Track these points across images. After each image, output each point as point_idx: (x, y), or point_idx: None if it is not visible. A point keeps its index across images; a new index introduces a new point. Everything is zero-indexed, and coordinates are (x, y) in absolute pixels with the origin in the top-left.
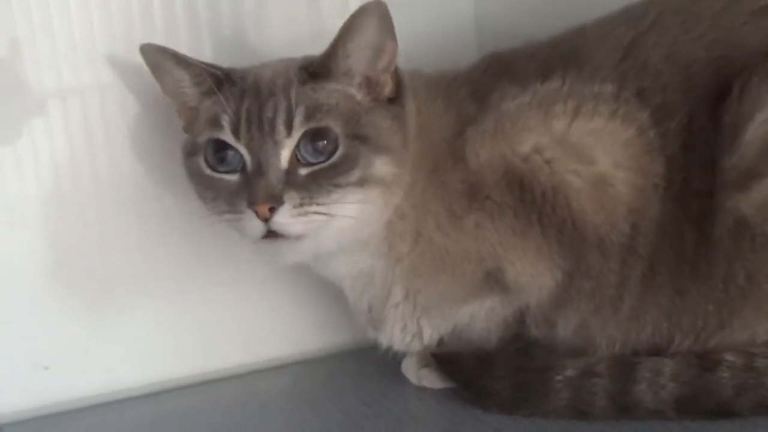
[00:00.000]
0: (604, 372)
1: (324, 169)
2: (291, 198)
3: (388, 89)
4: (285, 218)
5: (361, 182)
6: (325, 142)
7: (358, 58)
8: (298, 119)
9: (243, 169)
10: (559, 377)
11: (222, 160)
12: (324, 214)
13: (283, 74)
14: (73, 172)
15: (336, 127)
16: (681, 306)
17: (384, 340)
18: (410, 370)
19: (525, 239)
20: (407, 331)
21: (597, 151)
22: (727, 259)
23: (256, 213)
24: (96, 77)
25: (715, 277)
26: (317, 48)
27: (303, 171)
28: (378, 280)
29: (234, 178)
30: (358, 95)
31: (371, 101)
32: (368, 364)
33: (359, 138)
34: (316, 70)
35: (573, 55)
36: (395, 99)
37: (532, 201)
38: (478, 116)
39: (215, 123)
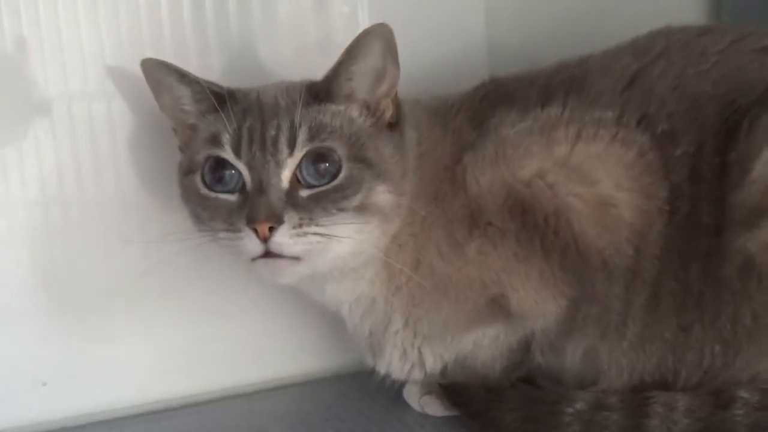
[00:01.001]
0: (615, 405)
1: (326, 192)
2: (291, 218)
3: (388, 114)
4: (284, 238)
5: (362, 209)
6: (328, 164)
7: (359, 82)
8: (301, 139)
9: (242, 189)
10: (570, 410)
11: (220, 180)
12: (322, 235)
13: (286, 94)
14: (77, 181)
15: (339, 148)
16: (685, 343)
17: (382, 368)
18: (412, 397)
19: (528, 265)
20: (407, 359)
21: (599, 173)
22: (735, 299)
23: (256, 232)
24: (102, 83)
25: (723, 318)
26: (324, 59)
27: (304, 193)
28: (378, 307)
29: (232, 198)
30: (360, 119)
31: (372, 126)
32: (369, 387)
33: (363, 161)
34: (319, 91)
35: (575, 83)
36: (395, 126)
37: (534, 225)
38: (476, 142)
39: (215, 141)
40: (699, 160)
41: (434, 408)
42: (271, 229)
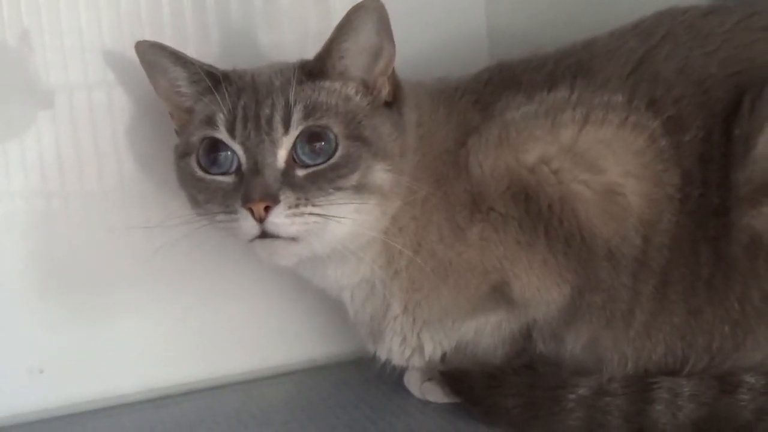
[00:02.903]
0: (618, 391)
1: (322, 171)
2: (287, 197)
3: (385, 92)
4: (280, 218)
5: (359, 188)
6: (324, 143)
7: (353, 59)
8: (296, 117)
9: (237, 170)
10: (572, 396)
11: (215, 161)
12: (319, 215)
13: (280, 74)
14: (78, 170)
15: (335, 126)
16: (695, 327)
17: (382, 353)
18: (413, 383)
19: (531, 252)
20: (407, 345)
21: (607, 160)
22: (743, 278)
23: (252, 212)
24: (103, 72)
25: (731, 298)
26: None
27: (300, 172)
28: (377, 292)
29: (228, 179)
30: (356, 97)
31: (369, 105)
32: (370, 374)
33: (360, 139)
34: (312, 69)
35: (581, 67)
36: (393, 104)
37: (538, 212)
38: (481, 126)
39: (210, 122)
40: (708, 144)
41: (435, 395)
42: (268, 209)
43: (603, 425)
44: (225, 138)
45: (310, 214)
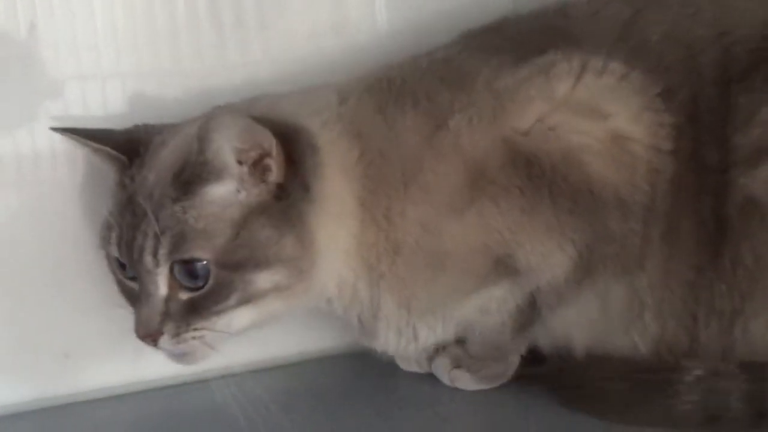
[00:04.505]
0: (735, 372)
1: (200, 298)
2: (169, 329)
3: (273, 176)
4: (166, 345)
5: (245, 301)
6: (196, 269)
7: (224, 159)
8: (162, 252)
9: None
10: (688, 377)
11: (124, 266)
12: (210, 330)
13: (161, 182)
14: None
15: (204, 254)
16: (699, 282)
17: (378, 347)
18: (442, 370)
19: (533, 217)
20: (402, 336)
21: (611, 105)
22: (735, 238)
23: None
24: (116, 64)
25: (725, 257)
26: (338, 41)
27: (183, 295)
28: (363, 295)
29: (135, 285)
30: (239, 196)
31: (255, 200)
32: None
33: (229, 267)
34: (188, 178)
35: (564, 32)
36: (290, 184)
37: (541, 175)
38: (461, 103)
39: (107, 234)
40: (699, 104)
41: (464, 382)
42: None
43: (721, 408)
44: (119, 257)
45: (194, 338)
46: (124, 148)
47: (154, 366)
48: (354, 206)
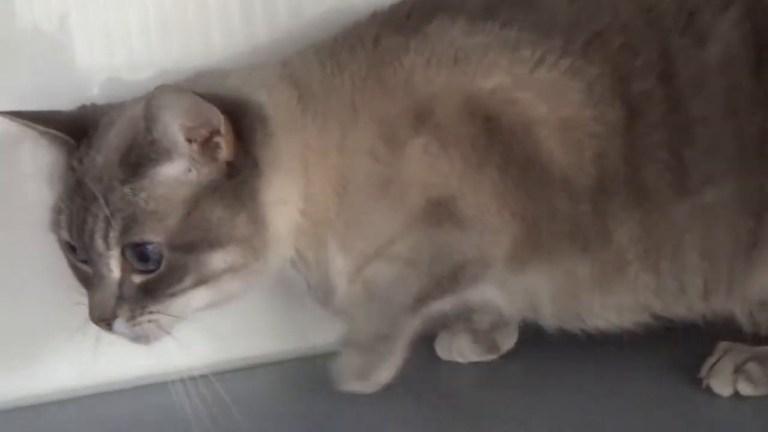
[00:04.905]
0: None
1: (154, 280)
2: (123, 312)
3: (225, 153)
4: (121, 328)
5: (200, 282)
6: (148, 252)
7: (172, 139)
8: (113, 235)
9: None
10: None
11: (74, 249)
12: (165, 313)
13: (110, 163)
14: None
15: (156, 237)
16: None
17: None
18: (442, 346)
19: (480, 172)
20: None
21: (562, 96)
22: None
23: None
24: (149, 55)
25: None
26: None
27: (137, 279)
28: (315, 258)
29: (88, 269)
30: (189, 176)
31: (206, 178)
32: None
33: (182, 249)
34: (136, 159)
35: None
36: (242, 158)
37: (498, 132)
38: (414, 46)
39: (57, 218)
40: (666, 61)
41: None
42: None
43: None
44: (70, 240)
45: (149, 321)
46: (70, 129)
47: (107, 369)
48: (300, 154)
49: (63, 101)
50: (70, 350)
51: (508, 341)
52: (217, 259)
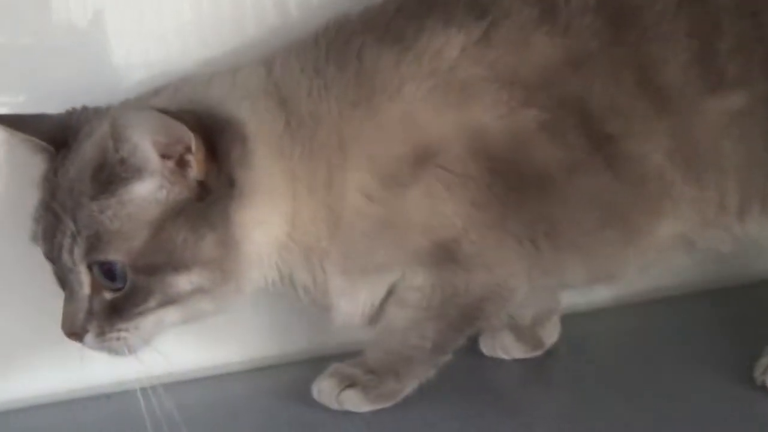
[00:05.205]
0: None
1: (121, 299)
2: (93, 327)
3: (193, 173)
4: (90, 343)
5: (166, 303)
6: (113, 271)
7: (142, 158)
8: (78, 251)
9: None
10: None
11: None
12: (133, 332)
13: (81, 177)
14: None
15: (119, 257)
16: None
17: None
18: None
19: (485, 211)
20: (353, 300)
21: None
22: None
23: None
24: (183, 52)
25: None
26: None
27: (108, 295)
28: (305, 280)
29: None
30: (161, 192)
31: (180, 192)
32: None
33: (146, 270)
34: (107, 177)
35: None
36: (210, 182)
37: (499, 171)
38: (409, 69)
39: (36, 228)
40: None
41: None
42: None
43: None
44: (44, 252)
45: (118, 339)
46: (52, 136)
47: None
48: (286, 182)
49: (98, 97)
50: (56, 355)
51: (552, 335)
52: (183, 282)
